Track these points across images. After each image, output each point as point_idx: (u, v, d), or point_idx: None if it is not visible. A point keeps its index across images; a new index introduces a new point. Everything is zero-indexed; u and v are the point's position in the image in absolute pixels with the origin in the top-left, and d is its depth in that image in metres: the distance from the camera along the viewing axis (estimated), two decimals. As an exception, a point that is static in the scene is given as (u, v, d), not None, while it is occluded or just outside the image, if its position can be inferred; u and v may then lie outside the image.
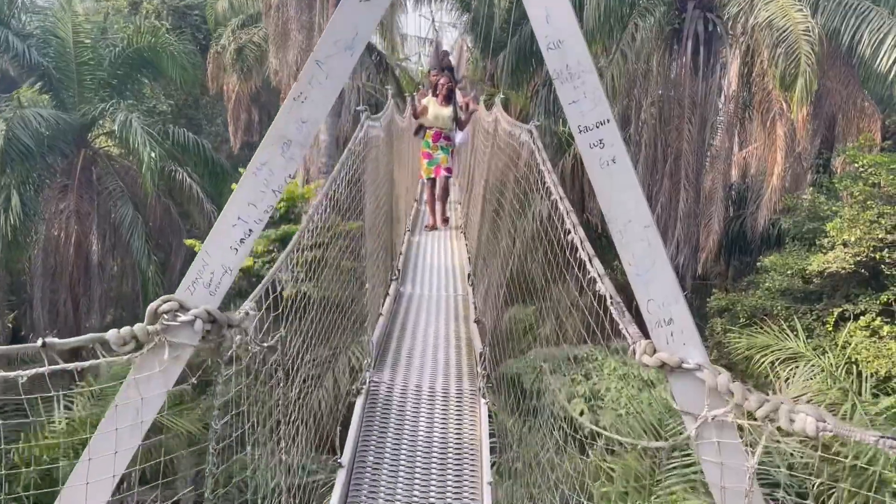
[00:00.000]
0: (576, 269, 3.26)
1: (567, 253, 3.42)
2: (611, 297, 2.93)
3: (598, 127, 2.68)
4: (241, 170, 15.28)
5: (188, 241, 13.57)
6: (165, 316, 2.37)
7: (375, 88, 19.34)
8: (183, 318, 2.40)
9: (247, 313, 2.66)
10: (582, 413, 8.61)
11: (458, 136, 10.22)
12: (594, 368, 9.32)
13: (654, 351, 2.53)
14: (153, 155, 14.55)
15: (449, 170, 9.34)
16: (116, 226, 15.53)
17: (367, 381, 4.54)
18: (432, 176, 9.21)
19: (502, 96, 9.46)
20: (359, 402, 4.29)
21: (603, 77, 17.26)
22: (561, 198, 3.61)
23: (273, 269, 3.20)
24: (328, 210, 4.20)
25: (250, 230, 2.54)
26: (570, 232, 3.36)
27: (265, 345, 2.95)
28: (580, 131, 2.69)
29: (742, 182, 19.13)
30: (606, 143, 2.66)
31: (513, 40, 16.98)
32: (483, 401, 4.36)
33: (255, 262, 12.59)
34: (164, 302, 2.36)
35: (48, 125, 14.66)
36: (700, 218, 15.54)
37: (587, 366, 9.36)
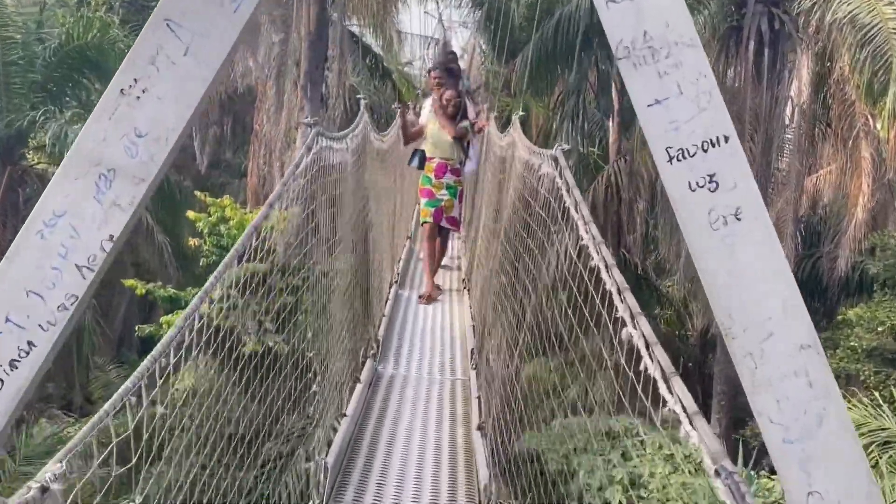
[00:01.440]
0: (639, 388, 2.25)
1: (619, 349, 2.45)
2: (713, 458, 1.87)
3: (705, 149, 1.63)
4: (199, 195, 14.61)
5: (128, 283, 12.61)
6: None
7: (371, 95, 18.61)
8: None
9: (43, 488, 1.59)
10: (620, 507, 7.62)
11: (467, 165, 7.92)
12: (633, 446, 8.29)
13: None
14: (92, 174, 13.66)
15: (454, 221, 7.58)
16: (46, 260, 14.55)
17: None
18: (430, 220, 7.47)
19: (522, 113, 8.04)
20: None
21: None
22: (608, 267, 2.57)
23: (139, 370, 2.23)
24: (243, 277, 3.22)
25: (30, 344, 1.49)
26: (625, 323, 2.34)
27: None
28: (670, 158, 1.64)
29: (813, 213, 18.10)
30: (722, 182, 1.60)
31: (534, 38, 16.17)
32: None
33: (211, 308, 11.73)
34: None
35: (-35, 138, 13.81)
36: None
37: (626, 442, 8.28)
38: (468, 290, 7.80)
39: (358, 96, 7.99)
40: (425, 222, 7.61)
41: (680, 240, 16.09)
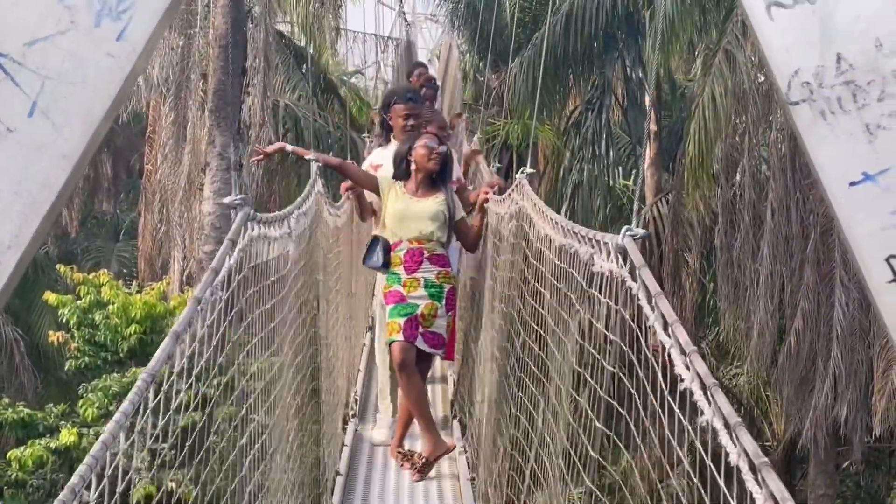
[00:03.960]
0: None
1: None
2: None
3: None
4: (63, 269, 14.17)
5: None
6: None
7: (310, 118, 18.53)
8: None
9: None
10: None
11: (453, 254, 6.87)
12: None
13: None
14: None
15: (438, 339, 6.28)
16: None
17: None
18: (398, 338, 6.19)
19: (531, 170, 6.91)
20: None
21: (693, 99, 16.44)
22: (737, 442, 2.31)
23: None
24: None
25: None
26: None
27: None
28: None
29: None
30: None
31: (537, 37, 16.19)
32: None
33: (81, 436, 11.31)
34: None
35: None
36: (874, 337, 14.33)
37: None
38: (460, 422, 7.37)
39: (308, 158, 7.32)
40: (392, 342, 6.26)
41: (750, 311, 15.94)
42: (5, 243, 1.30)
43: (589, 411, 4.01)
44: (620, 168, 18.96)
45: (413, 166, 6.28)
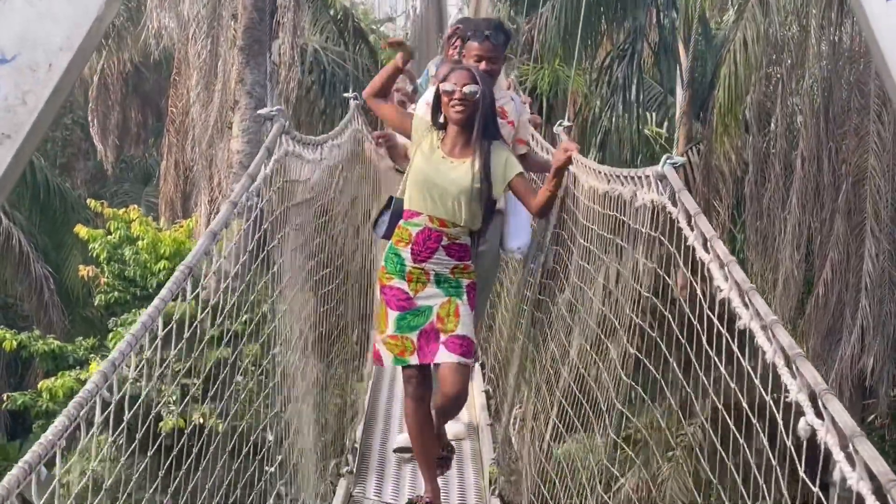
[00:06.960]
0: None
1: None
2: None
3: None
4: (93, 203, 14.26)
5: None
6: None
7: (339, 62, 18.51)
8: None
9: None
10: None
11: (512, 237, 5.60)
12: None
13: None
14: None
15: (464, 344, 4.69)
16: None
17: None
18: (411, 362, 4.76)
19: (567, 123, 6.21)
20: None
21: (725, 45, 16.31)
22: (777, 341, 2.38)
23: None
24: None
25: None
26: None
27: None
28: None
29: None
30: None
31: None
32: None
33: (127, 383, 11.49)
34: None
35: None
36: (904, 287, 14.30)
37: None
38: (482, 366, 7.23)
39: (346, 95, 6.76)
40: (401, 364, 4.87)
41: (778, 262, 15.89)
42: (57, 45, 1.35)
43: (620, 354, 4.08)
44: (653, 115, 18.83)
45: (449, 101, 4.72)
